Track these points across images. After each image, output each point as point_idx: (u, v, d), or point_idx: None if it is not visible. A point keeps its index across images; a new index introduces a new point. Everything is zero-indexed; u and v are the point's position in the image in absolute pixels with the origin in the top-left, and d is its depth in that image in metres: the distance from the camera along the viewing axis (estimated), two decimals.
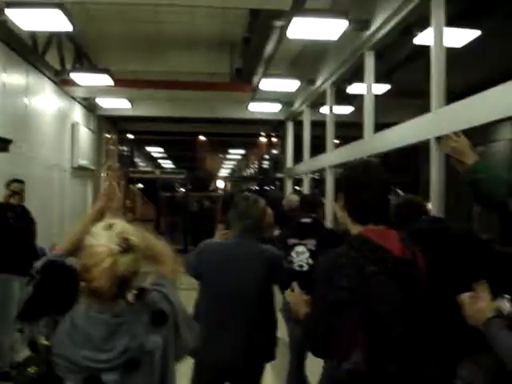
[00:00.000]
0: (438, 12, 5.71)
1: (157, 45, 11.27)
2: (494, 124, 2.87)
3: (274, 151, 18.89)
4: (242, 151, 28.17)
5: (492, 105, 4.40)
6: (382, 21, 7.06)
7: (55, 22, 6.95)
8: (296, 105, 13.66)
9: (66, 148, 11.75)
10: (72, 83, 10.66)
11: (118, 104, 13.16)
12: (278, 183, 17.90)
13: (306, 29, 7.17)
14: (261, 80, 10.56)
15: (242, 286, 3.29)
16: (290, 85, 11.03)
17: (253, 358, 3.51)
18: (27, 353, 2.01)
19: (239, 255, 3.47)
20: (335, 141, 10.95)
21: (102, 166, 14.79)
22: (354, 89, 11.15)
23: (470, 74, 9.32)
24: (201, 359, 3.52)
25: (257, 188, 20.07)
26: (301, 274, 4.96)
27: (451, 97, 5.69)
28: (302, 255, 5.06)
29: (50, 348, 1.87)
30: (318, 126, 11.81)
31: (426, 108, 5.95)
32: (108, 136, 16.36)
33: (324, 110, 11.43)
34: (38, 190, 9.03)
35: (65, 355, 1.84)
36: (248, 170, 30.83)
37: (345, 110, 13.02)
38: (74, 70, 10.63)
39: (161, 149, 28.11)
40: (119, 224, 1.96)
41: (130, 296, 1.96)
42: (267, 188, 19.40)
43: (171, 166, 33.41)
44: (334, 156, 10.02)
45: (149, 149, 28.02)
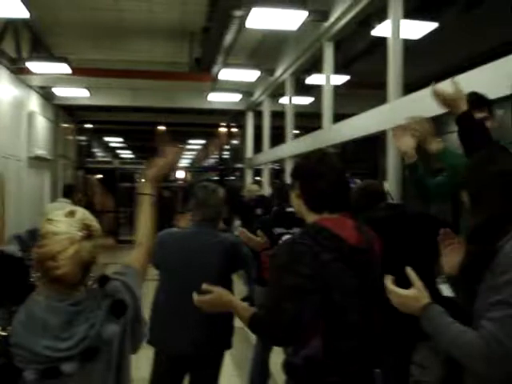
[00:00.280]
0: (395, 4, 5.79)
1: (116, 33, 11.12)
2: (451, 115, 2.92)
3: (234, 141, 18.89)
4: (202, 141, 28.07)
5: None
6: (341, 12, 7.12)
7: (11, 8, 6.80)
8: (256, 95, 13.68)
9: (22, 137, 11.53)
10: (28, 72, 10.46)
11: (75, 93, 12.98)
12: (238, 173, 17.91)
13: (265, 19, 7.19)
14: (220, 70, 10.54)
15: (200, 275, 3.30)
16: (249, 75, 11.03)
17: (211, 346, 3.52)
18: None
19: (198, 244, 3.47)
20: (295, 131, 11.02)
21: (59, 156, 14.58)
22: (314, 79, 11.21)
23: (426, 65, 9.45)
24: (160, 349, 3.53)
25: (217, 178, 20.04)
26: None
27: (408, 88, 5.79)
28: None
29: (8, 338, 1.85)
30: (278, 116, 11.86)
31: (383, 99, 6.04)
32: (65, 126, 16.12)
33: (284, 100, 11.48)
34: None
35: (24, 345, 1.82)
36: (208, 161, 30.73)
37: (304, 100, 13.08)
38: (30, 58, 10.42)
39: (120, 139, 27.81)
40: (80, 211, 1.97)
41: (90, 284, 1.97)
42: (227, 178, 19.39)
43: (130, 156, 33.08)
44: (294, 146, 10.09)
45: (107, 139, 27.69)
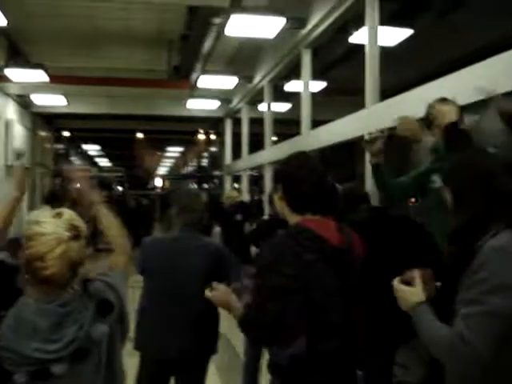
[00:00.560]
0: (372, 11, 5.87)
1: (93, 41, 11.10)
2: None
3: (213, 148, 18.90)
4: (181, 149, 28.04)
5: (424, 101, 4.56)
6: (319, 19, 7.20)
7: None
8: (234, 102, 13.73)
9: None
10: (6, 79, 10.40)
11: (53, 101, 12.91)
12: (217, 180, 17.92)
13: (243, 26, 7.24)
14: (199, 77, 10.57)
15: (185, 280, 3.32)
16: (228, 82, 11.07)
17: (197, 350, 3.54)
18: None
19: (183, 248, 3.49)
20: (273, 138, 11.07)
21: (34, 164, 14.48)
22: (292, 86, 11.29)
23: (403, 71, 9.58)
24: (146, 354, 3.54)
25: (195, 186, 20.05)
26: None
27: (385, 94, 5.87)
28: None
29: None
30: (257, 123, 11.91)
31: (360, 105, 6.12)
32: (43, 134, 16.02)
33: (262, 107, 11.53)
34: None
35: (13, 349, 1.83)
36: (186, 168, 30.70)
37: (283, 107, 13.16)
38: (7, 65, 10.35)
39: (97, 146, 27.69)
40: (66, 212, 1.99)
41: (76, 285, 1.99)
42: (206, 185, 19.41)
43: (108, 164, 32.94)
44: (273, 152, 10.14)
45: (85, 147, 27.57)
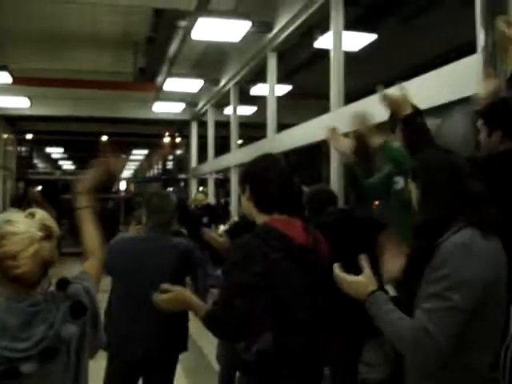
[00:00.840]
0: (336, 16, 5.97)
1: (58, 42, 10.98)
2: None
3: (178, 151, 18.87)
4: (146, 152, 27.89)
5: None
6: (284, 23, 7.28)
7: None
8: (200, 105, 13.75)
9: None
10: None
11: (16, 103, 12.78)
12: (183, 183, 17.90)
13: (209, 30, 7.29)
14: (165, 80, 10.57)
15: (152, 280, 3.35)
16: (193, 85, 11.10)
17: (165, 350, 3.56)
18: None
19: (152, 247, 3.51)
20: (239, 141, 11.13)
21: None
22: (258, 90, 11.36)
23: (367, 75, 9.71)
24: (114, 353, 3.53)
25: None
26: None
27: (349, 98, 5.97)
28: None
29: None
30: (223, 126, 11.95)
31: (326, 108, 6.21)
32: (6, 136, 15.81)
33: (228, 110, 11.57)
34: None
35: None
36: (152, 171, 30.54)
37: (249, 110, 13.23)
38: None
39: (61, 149, 27.38)
40: (39, 212, 2.01)
41: (48, 285, 2.00)
42: (171, 189, 19.33)
43: (72, 167, 32.57)
44: (238, 156, 10.19)
45: (49, 149, 27.23)
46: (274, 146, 7.85)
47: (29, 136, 18.71)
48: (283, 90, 11.21)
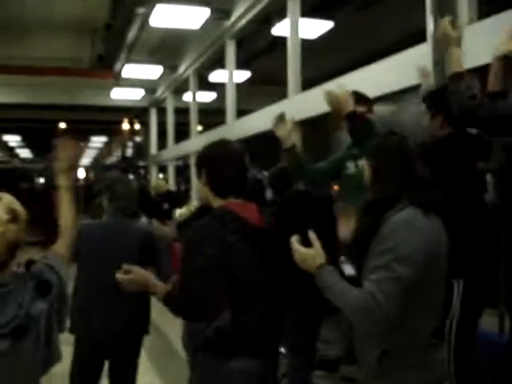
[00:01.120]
0: (293, 4, 6.07)
1: (14, 28, 10.82)
2: None
3: (138, 138, 18.78)
4: (105, 139, 27.64)
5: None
6: (243, 11, 7.35)
7: None
8: (159, 92, 13.71)
9: None
10: None
11: None
12: (142, 170, 17.84)
13: (168, 17, 7.30)
14: (123, 66, 10.54)
15: (115, 264, 3.41)
16: (152, 71, 11.08)
17: (130, 333, 3.62)
18: None
19: (115, 231, 3.57)
20: (199, 127, 11.17)
21: None
22: (217, 76, 11.39)
23: (325, 62, 9.84)
24: (79, 338, 3.59)
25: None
26: None
27: (306, 84, 6.09)
28: None
29: None
30: (182, 112, 11.96)
31: (284, 95, 6.31)
32: None
33: (187, 96, 11.59)
34: None
35: None
36: (111, 158, 30.29)
37: (208, 96, 13.25)
38: None
39: (18, 137, 26.95)
40: (6, 197, 2.08)
41: (16, 266, 2.08)
42: (131, 176, 19.26)
43: (29, 155, 32.09)
44: (198, 142, 10.23)
45: (5, 138, 26.77)
46: (234, 133, 7.93)
47: None
48: (242, 76, 11.27)
